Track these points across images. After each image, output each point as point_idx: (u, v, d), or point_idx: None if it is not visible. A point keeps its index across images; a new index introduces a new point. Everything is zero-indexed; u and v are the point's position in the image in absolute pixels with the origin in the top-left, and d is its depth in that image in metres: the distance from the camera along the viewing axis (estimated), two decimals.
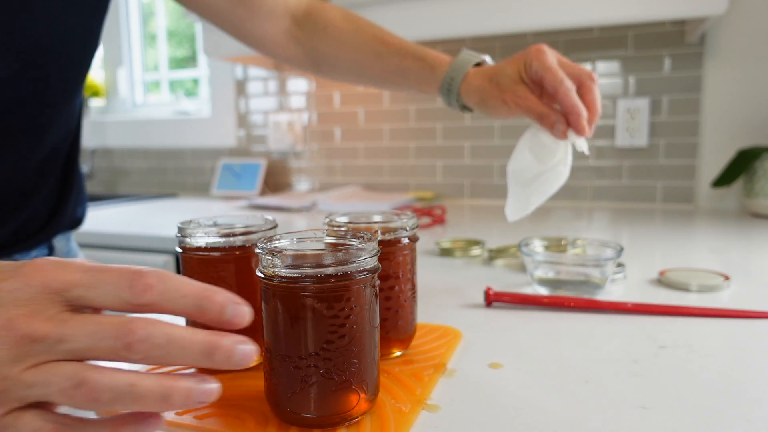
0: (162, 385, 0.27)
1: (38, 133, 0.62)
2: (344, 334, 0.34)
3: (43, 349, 0.27)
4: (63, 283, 0.27)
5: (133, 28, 2.22)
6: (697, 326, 0.54)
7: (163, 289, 0.28)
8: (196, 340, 0.28)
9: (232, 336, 0.28)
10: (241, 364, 0.28)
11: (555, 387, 0.42)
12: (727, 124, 1.39)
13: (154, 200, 1.88)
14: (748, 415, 0.37)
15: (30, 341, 0.26)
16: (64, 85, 0.62)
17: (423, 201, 1.62)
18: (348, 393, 0.35)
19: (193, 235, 0.44)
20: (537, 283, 0.67)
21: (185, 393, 0.27)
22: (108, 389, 0.26)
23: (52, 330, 0.27)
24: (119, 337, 0.27)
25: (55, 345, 0.27)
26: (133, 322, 0.27)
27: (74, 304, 0.28)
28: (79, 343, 0.27)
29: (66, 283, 0.27)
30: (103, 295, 0.28)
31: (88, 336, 0.27)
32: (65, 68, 0.61)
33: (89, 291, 0.28)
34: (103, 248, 1.29)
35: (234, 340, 0.28)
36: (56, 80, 0.61)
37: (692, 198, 1.44)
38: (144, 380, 0.27)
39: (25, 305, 0.27)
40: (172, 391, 0.27)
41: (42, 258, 0.29)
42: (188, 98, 2.18)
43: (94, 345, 0.27)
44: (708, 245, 0.96)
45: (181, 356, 0.27)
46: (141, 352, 0.27)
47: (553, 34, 1.52)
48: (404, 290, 0.46)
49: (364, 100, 1.76)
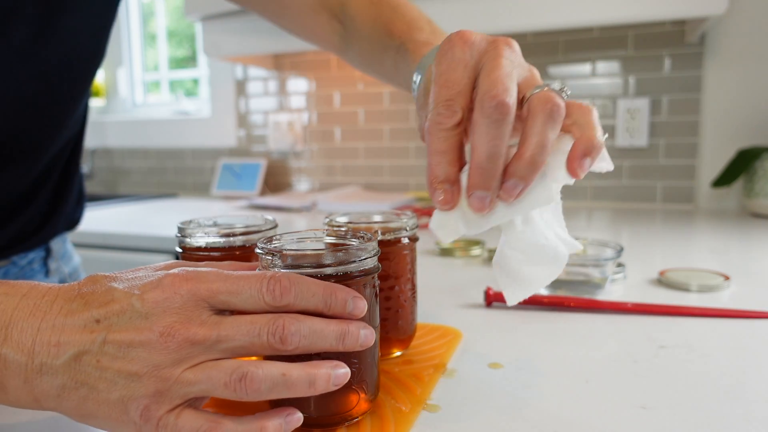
0: (308, 372, 0.31)
1: (43, 145, 0.62)
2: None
3: (203, 350, 0.30)
4: (209, 291, 0.30)
5: (133, 28, 2.22)
6: (697, 326, 0.54)
7: (298, 291, 0.31)
8: (331, 329, 0.32)
9: (355, 323, 0.33)
10: (365, 345, 0.33)
11: (555, 387, 0.42)
12: (727, 124, 1.39)
13: (154, 200, 1.87)
14: (748, 415, 0.37)
15: (190, 344, 0.29)
16: (71, 98, 0.63)
17: (423, 201, 1.62)
18: (348, 393, 0.35)
19: (193, 235, 0.44)
20: None
21: (326, 378, 0.31)
22: (266, 379, 0.29)
23: (210, 332, 0.30)
24: (274, 333, 0.30)
25: (214, 345, 0.30)
26: (281, 319, 0.30)
27: (218, 308, 0.31)
28: (237, 341, 0.30)
29: (211, 291, 0.30)
30: (247, 299, 0.31)
31: (245, 335, 0.30)
32: (74, 83, 0.62)
33: (232, 297, 0.31)
34: (103, 248, 1.29)
35: (357, 325, 0.33)
36: (64, 95, 0.61)
37: (692, 198, 1.44)
38: (293, 370, 0.30)
39: (177, 313, 0.30)
40: (317, 377, 0.31)
41: (177, 268, 0.32)
42: (188, 98, 2.18)
43: (251, 342, 0.30)
44: (708, 245, 0.96)
45: (321, 343, 0.31)
46: (293, 344, 0.30)
47: (553, 34, 1.52)
48: (404, 290, 0.46)
49: (364, 100, 1.76)
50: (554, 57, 1.53)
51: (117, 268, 0.33)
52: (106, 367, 0.29)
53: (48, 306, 0.30)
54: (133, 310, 0.29)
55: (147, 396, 0.29)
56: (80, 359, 0.29)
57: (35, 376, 0.29)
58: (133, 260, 1.25)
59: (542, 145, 0.35)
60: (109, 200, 1.84)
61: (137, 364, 0.29)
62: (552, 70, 1.54)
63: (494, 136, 0.34)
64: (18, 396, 0.30)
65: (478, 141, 0.34)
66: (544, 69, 1.54)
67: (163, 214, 1.58)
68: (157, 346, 0.29)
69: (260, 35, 1.54)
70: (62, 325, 0.30)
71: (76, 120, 0.67)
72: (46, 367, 0.29)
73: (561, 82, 0.38)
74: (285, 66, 1.87)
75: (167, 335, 0.29)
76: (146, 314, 0.29)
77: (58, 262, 0.74)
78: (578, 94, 1.51)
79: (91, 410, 0.30)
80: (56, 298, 0.31)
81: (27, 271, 0.68)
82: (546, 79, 1.54)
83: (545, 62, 1.54)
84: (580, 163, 0.36)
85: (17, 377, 0.29)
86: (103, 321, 0.29)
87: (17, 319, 0.30)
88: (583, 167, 0.37)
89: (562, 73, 1.53)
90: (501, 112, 0.34)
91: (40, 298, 0.31)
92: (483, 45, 0.37)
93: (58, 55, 0.57)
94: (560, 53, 1.52)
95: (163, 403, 0.29)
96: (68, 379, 0.29)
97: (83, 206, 0.77)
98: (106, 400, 0.29)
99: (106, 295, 0.30)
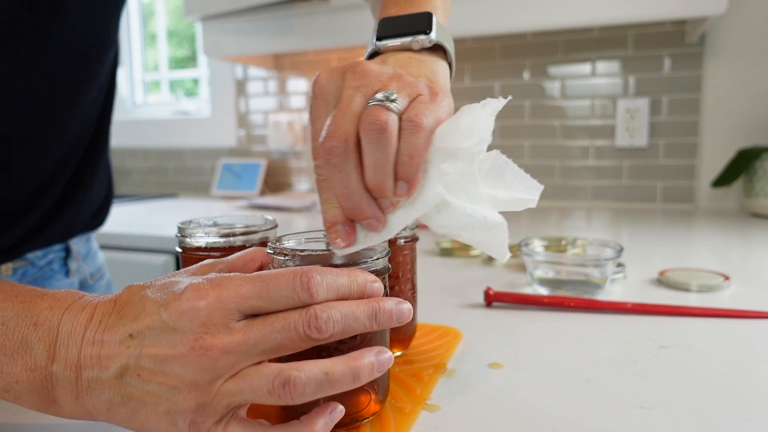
0: (350, 366, 0.30)
1: (51, 135, 0.60)
2: (356, 335, 0.34)
3: (240, 358, 0.29)
4: (237, 297, 0.30)
5: (133, 28, 2.22)
6: (697, 326, 0.54)
7: (327, 284, 0.31)
8: (363, 309, 0.31)
9: (389, 299, 0.33)
10: (402, 320, 0.32)
11: (555, 387, 0.42)
12: (727, 124, 1.39)
13: (154, 200, 1.87)
14: (748, 415, 0.37)
15: (225, 354, 0.29)
16: (77, 86, 0.62)
17: None
18: (359, 394, 0.35)
19: (193, 235, 0.44)
20: (537, 283, 0.67)
21: (370, 368, 0.31)
22: (309, 382, 0.29)
23: (245, 338, 0.29)
24: (308, 324, 0.29)
25: (251, 350, 0.29)
26: (311, 309, 0.30)
27: (247, 314, 0.30)
28: (273, 341, 0.29)
29: (239, 297, 0.30)
30: (281, 300, 0.30)
31: (279, 332, 0.29)
32: (79, 71, 0.61)
33: (262, 301, 0.30)
34: (103, 248, 1.29)
35: (393, 301, 0.32)
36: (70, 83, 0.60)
37: (692, 198, 1.44)
38: (334, 366, 0.30)
39: (205, 324, 0.29)
40: (360, 369, 0.30)
41: (198, 276, 0.31)
42: (188, 98, 2.18)
43: (289, 338, 0.29)
44: (708, 245, 0.96)
45: (354, 326, 0.31)
46: (329, 331, 0.30)
47: (553, 34, 1.52)
48: (404, 290, 0.46)
49: None
50: (554, 57, 1.53)
51: (117, 268, 0.33)
52: (148, 380, 0.29)
53: (88, 320, 0.31)
54: (162, 322, 0.29)
55: (191, 410, 0.29)
56: (123, 374, 0.29)
57: (85, 391, 0.30)
58: (133, 260, 1.25)
59: (377, 167, 0.34)
60: None
61: (174, 379, 0.29)
62: (552, 70, 1.54)
63: (341, 180, 0.34)
64: (72, 410, 0.31)
65: (334, 188, 0.35)
66: (544, 69, 1.54)
67: (163, 214, 1.58)
68: (192, 360, 0.28)
69: (260, 35, 1.54)
70: (101, 340, 0.30)
71: (86, 112, 0.65)
72: (93, 382, 0.30)
73: (386, 93, 0.35)
74: (285, 66, 1.87)
75: (200, 350, 0.28)
76: (174, 327, 0.29)
77: (79, 262, 0.72)
78: (578, 94, 1.52)
79: (142, 422, 0.30)
80: (95, 311, 0.31)
81: (46, 271, 0.67)
82: (546, 78, 1.54)
83: (545, 62, 1.54)
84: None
85: (69, 393, 0.30)
86: (137, 336, 0.30)
87: (63, 336, 0.30)
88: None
89: (562, 73, 1.53)
90: (332, 155, 0.34)
91: (80, 311, 0.31)
92: (333, 81, 0.37)
93: (70, 42, 0.56)
94: (560, 53, 1.52)
95: (209, 416, 0.29)
96: (115, 394, 0.30)
97: (109, 207, 0.75)
98: (155, 413, 0.29)
99: (138, 307, 0.30)
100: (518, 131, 1.58)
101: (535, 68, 1.55)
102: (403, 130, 0.34)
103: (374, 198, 0.35)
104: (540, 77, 1.55)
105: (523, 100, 1.57)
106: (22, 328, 0.31)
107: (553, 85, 1.54)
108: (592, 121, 1.51)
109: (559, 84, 1.53)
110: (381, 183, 0.34)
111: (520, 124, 1.58)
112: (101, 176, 0.72)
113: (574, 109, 1.53)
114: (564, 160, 1.55)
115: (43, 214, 0.65)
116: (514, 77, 1.57)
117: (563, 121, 1.54)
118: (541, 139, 1.56)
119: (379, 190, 0.34)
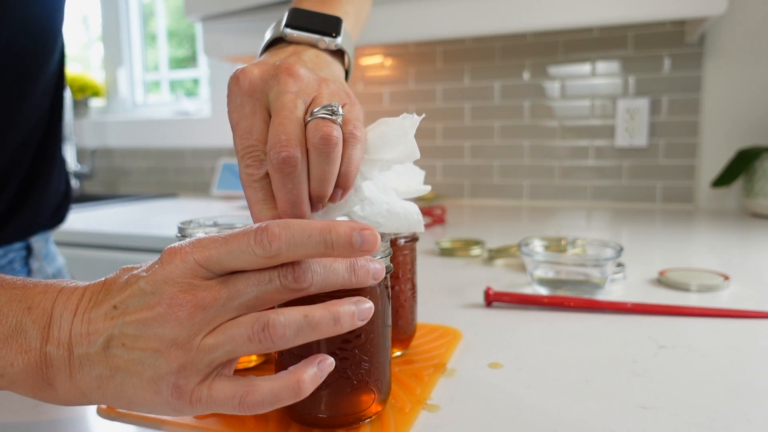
0: (330, 310, 0.30)
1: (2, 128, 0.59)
2: (360, 333, 0.34)
3: (216, 313, 0.29)
4: (202, 257, 0.29)
5: (133, 28, 2.22)
6: (697, 326, 0.54)
7: (289, 235, 0.29)
8: (340, 263, 0.31)
9: (362, 257, 0.32)
10: (376, 277, 0.32)
11: (555, 387, 0.42)
12: (727, 124, 1.39)
13: (154, 200, 1.88)
14: (748, 415, 0.37)
15: (201, 310, 0.29)
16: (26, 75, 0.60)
17: (423, 201, 1.62)
18: (363, 393, 0.35)
19: (193, 235, 0.43)
20: (537, 283, 0.67)
21: (350, 313, 0.31)
22: (289, 324, 0.29)
23: (219, 292, 0.29)
24: (285, 275, 0.29)
25: (227, 303, 0.29)
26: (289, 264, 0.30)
27: (217, 273, 0.30)
28: (249, 293, 0.29)
29: (205, 256, 0.29)
30: (239, 255, 0.29)
31: (256, 285, 0.29)
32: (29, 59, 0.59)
33: (225, 257, 0.29)
34: (103, 248, 1.29)
35: (366, 259, 0.32)
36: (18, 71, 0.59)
37: (692, 198, 1.44)
38: (314, 310, 0.30)
39: (179, 282, 0.29)
40: (340, 314, 0.30)
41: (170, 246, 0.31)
42: (188, 98, 2.18)
43: (264, 290, 0.29)
44: (708, 245, 0.97)
45: (334, 279, 0.31)
46: (307, 281, 0.30)
47: (553, 34, 1.52)
48: (404, 290, 0.46)
49: (364, 100, 1.76)
50: (554, 57, 1.53)
51: (117, 268, 0.33)
52: (131, 347, 0.29)
53: (79, 300, 0.31)
54: (141, 290, 0.30)
55: (173, 372, 0.29)
56: (109, 345, 0.30)
57: (77, 369, 0.30)
58: (133, 260, 1.25)
59: (323, 179, 0.36)
60: (109, 200, 1.84)
61: (156, 341, 0.29)
62: (552, 70, 1.54)
63: (290, 188, 0.35)
64: (67, 392, 0.31)
65: (276, 192, 0.36)
66: (544, 69, 1.54)
67: (163, 214, 1.58)
68: (169, 318, 0.29)
69: (260, 35, 1.53)
70: (89, 318, 0.30)
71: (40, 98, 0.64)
72: (83, 357, 0.30)
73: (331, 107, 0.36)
74: None
75: (175, 306, 0.29)
76: (152, 291, 0.29)
77: (41, 261, 0.72)
78: (578, 94, 1.52)
79: (130, 396, 0.30)
80: (85, 291, 0.32)
81: (8, 271, 0.67)
82: (546, 79, 1.54)
83: (545, 62, 1.54)
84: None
85: (63, 373, 0.30)
86: (120, 306, 0.30)
87: (56, 317, 0.31)
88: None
89: (562, 73, 1.53)
90: (288, 165, 0.34)
91: (72, 292, 0.32)
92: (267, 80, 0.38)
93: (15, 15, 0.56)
94: (560, 53, 1.52)
95: (191, 377, 0.29)
96: (103, 368, 0.30)
97: (68, 205, 0.75)
98: (140, 382, 0.29)
99: (122, 282, 0.31)
100: (518, 131, 1.58)
101: (535, 68, 1.55)
102: (346, 142, 0.37)
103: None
104: (540, 77, 1.55)
105: (522, 100, 1.57)
106: (17, 313, 0.31)
107: (553, 85, 1.54)
108: (591, 121, 1.51)
109: (559, 84, 1.53)
110: (325, 192, 0.36)
111: (519, 124, 1.58)
112: (58, 172, 0.72)
113: (573, 109, 1.53)
114: (564, 160, 1.55)
115: (1, 210, 0.64)
116: (514, 77, 1.57)
117: (563, 121, 1.54)
118: (541, 139, 1.56)
119: (320, 198, 0.37)
